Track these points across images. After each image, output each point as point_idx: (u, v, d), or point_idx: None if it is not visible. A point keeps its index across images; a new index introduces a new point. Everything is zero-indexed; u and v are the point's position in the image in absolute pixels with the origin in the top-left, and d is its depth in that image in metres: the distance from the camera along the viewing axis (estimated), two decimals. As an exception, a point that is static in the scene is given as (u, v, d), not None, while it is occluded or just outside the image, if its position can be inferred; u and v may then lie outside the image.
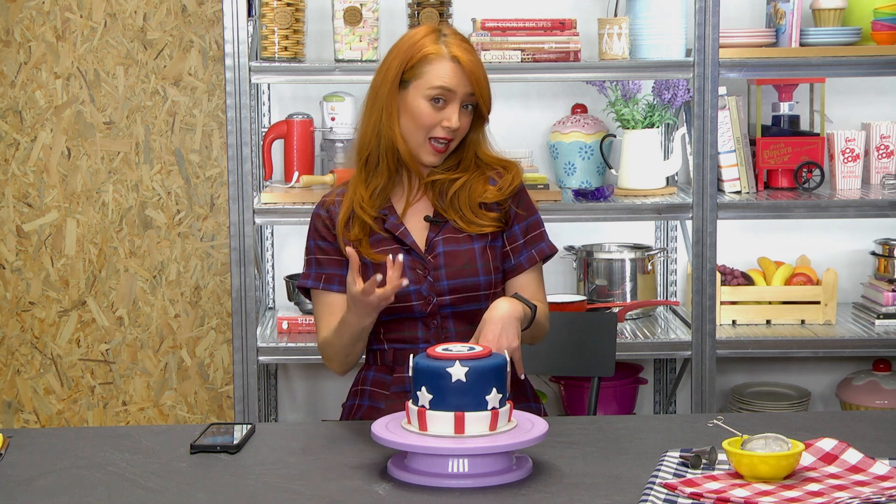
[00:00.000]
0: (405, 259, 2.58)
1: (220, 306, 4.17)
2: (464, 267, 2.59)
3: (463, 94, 2.56)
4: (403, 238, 2.60)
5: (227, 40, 3.49)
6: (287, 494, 2.06)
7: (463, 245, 2.61)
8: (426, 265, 2.59)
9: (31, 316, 4.17)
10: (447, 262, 2.59)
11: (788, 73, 3.69)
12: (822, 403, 4.15)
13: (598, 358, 3.01)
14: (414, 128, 2.57)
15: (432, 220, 2.62)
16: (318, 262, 2.64)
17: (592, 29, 3.82)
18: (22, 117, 4.09)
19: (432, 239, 2.61)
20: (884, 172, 3.90)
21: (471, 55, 2.58)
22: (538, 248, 2.68)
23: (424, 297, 2.59)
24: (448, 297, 2.59)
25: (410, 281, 2.56)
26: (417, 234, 2.62)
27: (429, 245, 2.61)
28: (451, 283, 2.59)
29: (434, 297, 2.59)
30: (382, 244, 2.60)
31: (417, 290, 2.58)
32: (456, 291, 2.59)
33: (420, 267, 2.59)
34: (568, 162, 3.89)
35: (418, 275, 2.59)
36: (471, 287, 2.60)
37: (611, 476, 2.13)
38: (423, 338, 2.60)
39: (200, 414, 4.22)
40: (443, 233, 2.62)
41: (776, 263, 3.90)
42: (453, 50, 2.56)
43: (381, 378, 2.65)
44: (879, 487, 2.02)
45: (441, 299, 2.59)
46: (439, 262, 2.60)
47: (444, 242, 2.61)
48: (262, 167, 3.85)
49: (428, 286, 2.59)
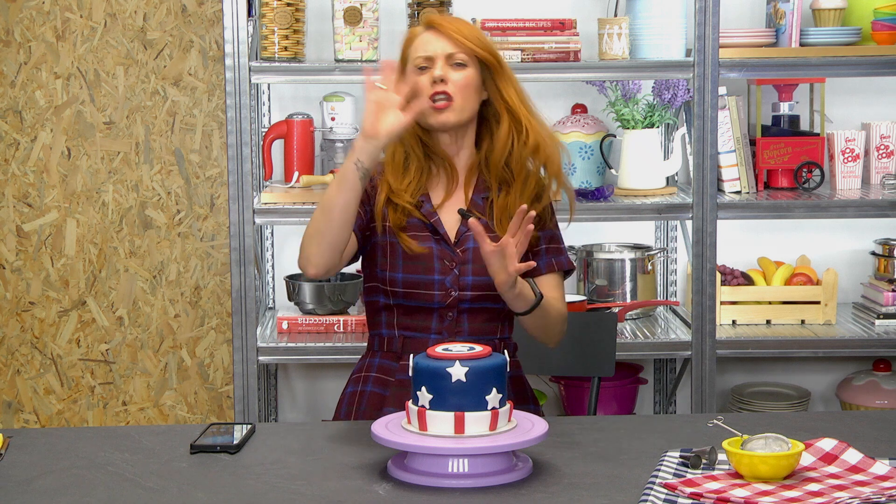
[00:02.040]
0: (435, 249, 2.59)
1: (220, 306, 4.17)
2: None
3: (443, 54, 2.59)
4: (437, 227, 2.61)
5: (227, 40, 3.49)
6: (287, 494, 2.06)
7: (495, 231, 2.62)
8: (454, 258, 2.60)
9: (31, 316, 4.17)
10: (475, 257, 2.60)
11: (788, 73, 3.69)
12: (822, 403, 4.15)
13: (598, 358, 3.01)
14: (418, 101, 2.58)
15: (465, 214, 2.62)
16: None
17: (592, 29, 3.82)
18: (22, 117, 4.09)
19: (463, 233, 2.62)
20: (884, 172, 3.90)
21: (447, 19, 2.63)
22: (558, 260, 2.69)
23: (447, 288, 2.59)
24: (469, 293, 2.60)
25: (437, 271, 2.57)
26: (450, 225, 2.63)
27: (459, 238, 2.62)
28: (476, 279, 2.59)
29: (456, 291, 2.59)
30: (416, 230, 2.61)
31: (441, 281, 2.59)
32: (479, 288, 2.60)
33: (448, 258, 2.60)
34: (568, 162, 3.90)
35: (445, 265, 2.59)
36: (493, 286, 2.59)
37: (611, 476, 2.13)
38: (435, 329, 2.61)
39: (200, 414, 4.22)
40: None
41: (776, 263, 3.90)
42: (428, 19, 2.63)
43: (387, 365, 2.65)
44: (879, 487, 2.02)
45: (462, 294, 2.60)
46: (468, 256, 2.60)
47: (475, 239, 2.61)
48: (262, 167, 3.85)
49: (452, 279, 2.59)
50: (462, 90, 2.59)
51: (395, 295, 2.61)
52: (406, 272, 2.59)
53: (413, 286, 2.59)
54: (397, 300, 2.61)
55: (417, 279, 2.59)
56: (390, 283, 2.61)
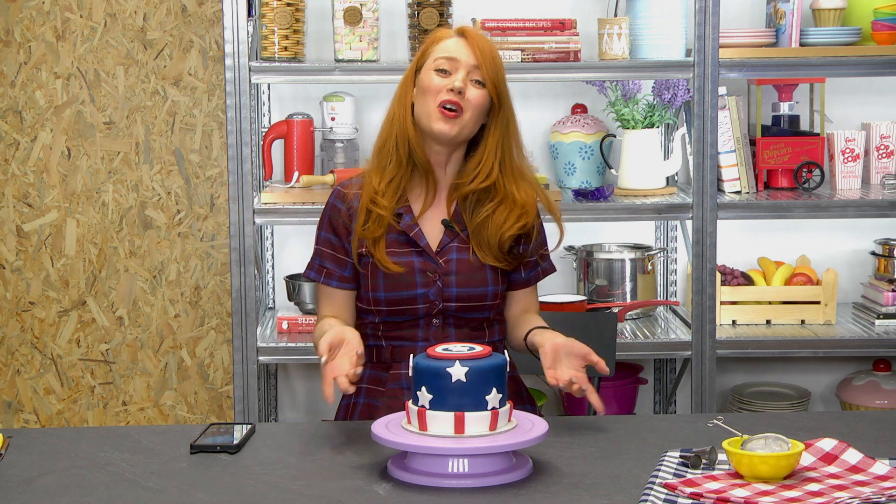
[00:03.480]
0: (416, 262, 2.59)
1: (220, 306, 4.17)
2: (473, 276, 2.60)
3: (467, 64, 2.57)
4: (417, 240, 2.60)
5: (227, 40, 3.49)
6: (287, 494, 2.06)
7: (475, 253, 2.62)
8: (437, 269, 2.59)
9: (31, 316, 4.17)
10: (458, 269, 2.60)
11: (788, 73, 3.69)
12: (822, 403, 4.15)
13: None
14: (424, 100, 2.57)
15: (448, 225, 2.62)
16: (322, 255, 2.65)
17: (592, 29, 3.82)
18: (22, 117, 4.09)
19: (446, 244, 2.62)
20: (884, 172, 3.90)
21: (481, 37, 2.61)
22: (543, 268, 2.73)
23: (431, 300, 2.59)
24: (454, 304, 2.59)
25: (419, 284, 2.57)
26: (431, 236, 2.62)
27: (441, 249, 2.61)
28: (460, 290, 2.59)
29: (440, 303, 2.59)
30: (395, 245, 2.61)
31: (425, 294, 2.58)
32: (463, 299, 2.59)
33: (431, 270, 2.59)
34: (568, 162, 3.90)
35: (428, 278, 2.59)
36: (478, 297, 2.60)
37: (611, 476, 2.13)
38: (422, 337, 2.61)
39: (200, 414, 4.22)
40: (458, 240, 2.62)
41: (776, 263, 3.90)
42: (462, 28, 2.62)
43: (377, 375, 2.64)
44: (879, 487, 2.02)
45: (447, 305, 2.59)
46: (451, 267, 2.60)
47: (457, 250, 2.61)
48: (262, 167, 3.85)
49: (436, 291, 2.59)
50: (474, 109, 2.58)
51: (380, 313, 2.61)
52: (388, 290, 2.58)
53: (396, 303, 2.59)
54: (383, 318, 2.62)
55: (400, 296, 2.58)
56: (374, 303, 2.60)
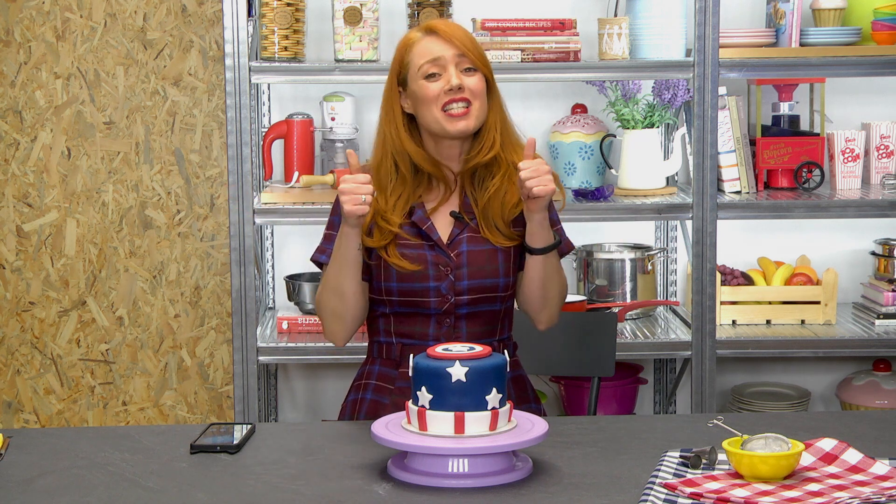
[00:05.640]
0: (429, 255, 2.58)
1: (220, 306, 4.17)
2: (484, 267, 2.58)
3: (452, 56, 2.55)
4: (430, 234, 2.59)
5: (227, 40, 3.49)
6: (287, 494, 2.06)
7: (486, 245, 2.60)
8: (449, 263, 2.58)
9: (31, 316, 4.17)
10: (470, 260, 2.59)
11: (788, 73, 3.69)
12: (822, 403, 4.15)
13: (598, 358, 3.01)
14: (426, 109, 2.55)
15: (457, 217, 2.61)
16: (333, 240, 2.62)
17: (592, 29, 3.82)
18: (22, 117, 4.09)
19: (456, 235, 2.60)
20: (884, 172, 3.90)
21: (448, 24, 2.59)
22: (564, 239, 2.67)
23: (443, 294, 2.58)
24: (466, 297, 2.59)
25: (432, 277, 2.57)
26: (443, 229, 2.61)
27: (452, 241, 2.60)
28: (472, 283, 2.58)
29: (452, 297, 2.58)
30: (407, 237, 2.58)
31: (437, 287, 2.58)
32: (475, 291, 2.59)
33: (443, 263, 2.58)
34: (568, 162, 3.90)
35: (440, 271, 2.58)
36: (489, 288, 2.59)
37: (611, 476, 2.13)
38: (433, 335, 2.60)
39: (200, 414, 4.22)
40: (467, 230, 2.61)
41: (776, 263, 3.90)
42: (428, 24, 2.59)
43: (386, 372, 2.64)
44: (879, 487, 2.02)
45: (459, 299, 2.58)
46: (462, 260, 2.59)
47: (468, 241, 2.60)
48: (262, 167, 3.85)
49: (448, 284, 2.58)
50: (479, 96, 2.57)
51: (392, 304, 2.61)
52: (401, 281, 2.58)
53: (409, 294, 2.58)
54: (394, 308, 2.61)
55: (413, 287, 2.58)
56: (386, 293, 2.60)
